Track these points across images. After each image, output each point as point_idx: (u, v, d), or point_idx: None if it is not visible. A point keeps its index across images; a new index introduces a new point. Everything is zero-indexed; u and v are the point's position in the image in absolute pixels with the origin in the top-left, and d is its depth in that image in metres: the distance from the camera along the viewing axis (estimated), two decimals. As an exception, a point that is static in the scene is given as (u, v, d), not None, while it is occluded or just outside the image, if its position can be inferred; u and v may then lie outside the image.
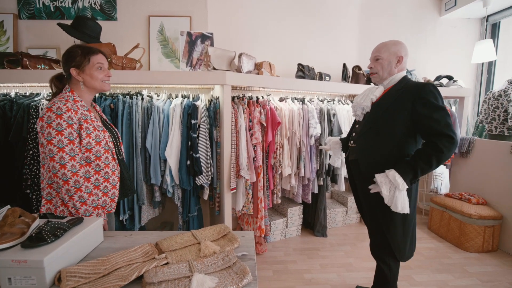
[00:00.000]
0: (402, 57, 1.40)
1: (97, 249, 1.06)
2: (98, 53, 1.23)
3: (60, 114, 1.10)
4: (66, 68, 1.19)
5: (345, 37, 3.07)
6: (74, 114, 1.13)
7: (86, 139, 1.16)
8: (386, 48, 1.42)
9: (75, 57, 1.18)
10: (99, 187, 1.21)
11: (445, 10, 3.14)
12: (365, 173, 1.45)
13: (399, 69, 1.43)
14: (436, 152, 1.26)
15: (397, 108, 1.36)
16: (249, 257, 1.00)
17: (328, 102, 2.72)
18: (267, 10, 2.82)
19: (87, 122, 1.17)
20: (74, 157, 1.12)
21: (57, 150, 1.09)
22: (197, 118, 1.97)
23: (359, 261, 2.27)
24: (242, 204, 2.16)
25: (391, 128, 1.37)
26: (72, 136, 1.12)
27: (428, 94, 1.29)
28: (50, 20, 2.34)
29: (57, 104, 1.11)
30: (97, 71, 1.21)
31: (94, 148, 1.18)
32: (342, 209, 2.95)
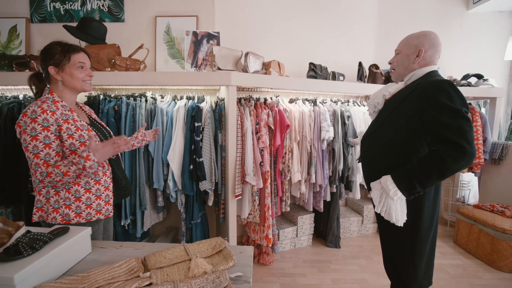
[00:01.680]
0: (421, 50, 1.20)
1: (83, 261, 0.99)
2: (79, 52, 1.15)
3: (34, 118, 1.03)
4: (44, 66, 1.11)
5: (361, 34, 2.88)
6: (51, 115, 1.05)
7: (69, 140, 1.08)
8: (406, 41, 1.26)
9: (54, 55, 1.10)
10: (91, 190, 1.14)
11: (474, 3, 2.88)
12: (367, 179, 1.31)
13: (421, 64, 1.22)
14: (437, 161, 1.04)
15: (405, 108, 1.17)
16: (244, 279, 0.88)
17: (342, 103, 2.56)
18: (277, 7, 2.70)
19: (68, 122, 1.10)
20: (48, 161, 1.04)
21: (33, 156, 1.03)
22: (200, 121, 1.88)
23: (375, 277, 2.08)
24: (248, 211, 2.04)
25: (397, 131, 1.19)
26: (49, 140, 1.04)
27: (440, 93, 1.08)
28: (60, 23, 2.35)
29: (32, 107, 1.05)
30: (77, 71, 1.13)
31: (79, 149, 1.11)
32: (358, 218, 2.75)
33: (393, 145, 1.20)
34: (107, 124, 1.81)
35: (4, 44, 2.35)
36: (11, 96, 2.04)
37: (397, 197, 1.11)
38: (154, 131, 1.55)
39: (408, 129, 1.16)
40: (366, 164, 1.33)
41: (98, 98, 2.00)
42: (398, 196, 1.11)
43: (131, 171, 1.89)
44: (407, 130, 1.16)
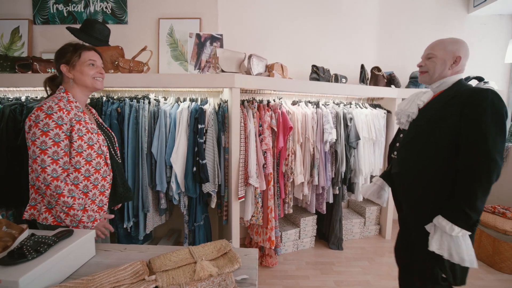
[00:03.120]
0: (460, 57, 1.18)
1: (87, 264, 0.98)
2: (90, 50, 1.17)
3: (50, 113, 1.03)
4: (57, 66, 1.14)
5: (363, 37, 2.89)
6: (66, 114, 1.06)
7: (78, 142, 1.09)
8: (442, 46, 1.22)
9: (66, 54, 1.13)
10: (88, 194, 1.14)
11: (474, 6, 2.88)
12: (408, 189, 1.26)
13: (454, 72, 1.21)
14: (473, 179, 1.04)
15: (444, 115, 1.15)
16: (249, 281, 0.87)
17: (344, 105, 2.56)
18: (280, 9, 2.71)
19: (80, 124, 1.10)
20: (57, 160, 1.03)
21: (39, 152, 1.01)
22: (204, 123, 1.88)
23: (378, 279, 2.07)
24: (251, 213, 2.03)
25: (436, 138, 1.16)
26: (59, 138, 1.04)
27: (484, 101, 1.05)
28: (63, 24, 2.36)
29: (48, 103, 1.05)
30: (88, 68, 1.14)
31: (85, 151, 1.11)
32: (360, 220, 2.74)
33: (434, 151, 1.16)
34: (110, 126, 1.80)
35: (6, 45, 2.35)
36: (13, 98, 2.04)
37: (455, 232, 1.06)
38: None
39: (448, 135, 1.13)
40: (403, 174, 1.29)
41: (101, 100, 2.00)
42: (456, 231, 1.06)
43: (134, 173, 1.89)
44: (448, 136, 1.13)
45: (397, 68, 2.89)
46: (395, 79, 2.65)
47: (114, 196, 1.26)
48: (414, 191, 1.23)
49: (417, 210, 1.24)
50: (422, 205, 1.21)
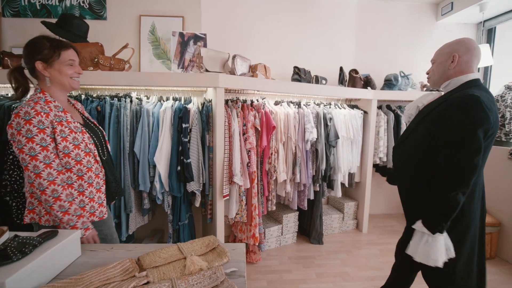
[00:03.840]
0: (455, 55, 1.17)
1: (73, 265, 0.97)
2: (69, 48, 1.13)
3: (28, 119, 1.00)
4: (29, 61, 1.08)
5: (342, 40, 3.03)
6: (45, 117, 1.03)
7: (63, 143, 1.07)
8: (441, 51, 1.25)
9: (42, 50, 1.07)
10: (84, 193, 1.14)
11: (442, 14, 3.12)
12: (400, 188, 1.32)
13: (458, 71, 1.18)
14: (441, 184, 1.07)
15: (430, 120, 1.16)
16: (238, 273, 0.91)
17: (324, 106, 2.67)
18: (263, 11, 2.76)
19: (61, 125, 1.07)
20: (50, 164, 1.03)
21: (29, 159, 1.00)
22: (188, 122, 1.89)
23: (356, 270, 2.20)
24: (235, 211, 2.07)
25: (421, 143, 1.18)
26: (45, 142, 1.03)
27: (459, 107, 1.05)
28: (36, 18, 2.24)
29: (24, 108, 1.01)
30: (67, 67, 1.11)
31: (73, 152, 1.09)
32: (339, 215, 2.88)
33: (417, 155, 1.19)
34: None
35: (-29, 38, 2.19)
36: (-19, 95, 1.92)
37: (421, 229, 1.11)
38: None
39: (429, 141, 1.14)
40: (398, 172, 1.33)
41: (79, 98, 1.94)
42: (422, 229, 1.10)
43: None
44: (429, 142, 1.14)
45: (373, 70, 3.06)
46: (371, 81, 2.80)
47: (109, 192, 1.26)
48: (402, 190, 1.29)
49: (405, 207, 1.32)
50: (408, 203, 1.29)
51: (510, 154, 2.33)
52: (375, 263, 2.30)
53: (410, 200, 1.29)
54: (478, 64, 1.21)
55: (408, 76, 2.93)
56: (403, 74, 2.90)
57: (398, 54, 3.18)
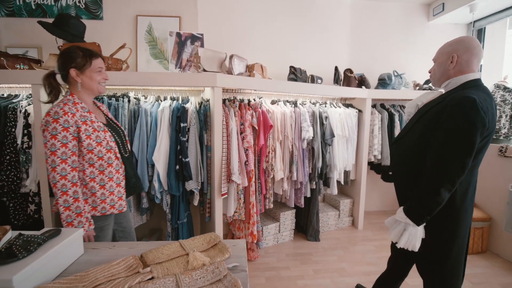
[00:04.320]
0: (454, 56, 1.18)
1: (76, 263, 0.99)
2: (98, 57, 1.28)
3: (56, 118, 1.13)
4: (65, 68, 1.22)
5: (337, 40, 3.07)
6: (71, 116, 1.16)
7: (87, 141, 1.19)
8: (441, 50, 1.26)
9: (76, 58, 1.21)
10: (105, 186, 1.25)
11: (433, 15, 3.19)
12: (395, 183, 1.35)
13: (458, 71, 1.19)
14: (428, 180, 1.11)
15: (428, 118, 1.18)
16: (240, 268, 0.94)
17: (320, 105, 2.71)
18: (259, 11, 2.78)
19: (86, 124, 1.20)
20: (65, 160, 1.14)
21: (49, 153, 1.13)
22: (186, 121, 1.90)
23: (352, 265, 2.24)
24: (234, 209, 2.10)
25: (418, 141, 1.20)
26: (66, 139, 1.14)
27: (454, 108, 1.06)
28: (31, 18, 2.23)
29: (54, 108, 1.15)
30: (96, 74, 1.26)
31: (96, 148, 1.21)
32: (335, 213, 2.92)
33: (414, 153, 1.21)
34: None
35: (-35, 38, 2.17)
36: (-24, 95, 1.91)
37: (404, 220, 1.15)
38: None
39: (425, 139, 1.16)
40: (395, 169, 1.36)
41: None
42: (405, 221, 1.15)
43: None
44: (425, 140, 1.16)
45: (367, 70, 3.11)
46: (365, 80, 2.85)
47: (129, 187, 1.36)
48: (399, 186, 1.32)
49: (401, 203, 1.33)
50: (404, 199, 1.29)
51: (500, 151, 2.40)
52: (370, 258, 2.35)
53: (406, 196, 1.30)
54: (479, 63, 1.21)
55: (401, 75, 2.99)
56: (396, 74, 2.95)
57: (392, 53, 3.24)
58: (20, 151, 1.84)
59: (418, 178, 1.20)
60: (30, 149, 1.87)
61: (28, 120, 1.86)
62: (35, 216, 1.92)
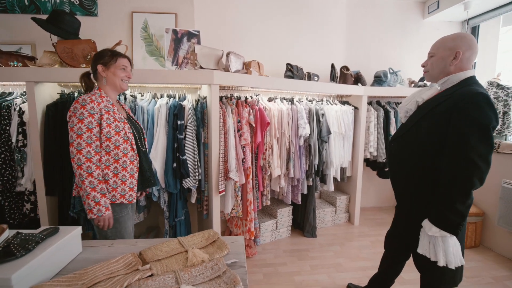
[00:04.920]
0: (459, 52, 1.15)
1: (74, 261, 0.99)
2: (124, 57, 1.39)
3: (84, 105, 1.22)
4: (94, 65, 1.33)
5: (333, 38, 3.08)
6: (97, 105, 1.25)
7: (106, 129, 1.26)
8: (443, 44, 1.21)
9: (104, 56, 1.33)
10: (118, 175, 1.29)
11: (428, 12, 3.21)
12: (395, 181, 1.32)
13: (459, 67, 1.18)
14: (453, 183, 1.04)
15: (435, 115, 1.14)
16: (239, 264, 0.95)
17: (317, 102, 2.72)
18: (256, 8, 2.77)
19: (108, 113, 1.28)
20: (90, 144, 1.22)
21: (76, 137, 1.20)
22: (183, 119, 1.90)
23: (349, 261, 2.27)
24: (231, 206, 2.10)
25: (424, 138, 1.17)
26: (92, 125, 1.22)
27: (470, 105, 1.04)
28: (24, 14, 2.19)
29: (83, 97, 1.26)
30: (120, 70, 1.35)
31: (114, 137, 1.28)
32: (331, 209, 2.95)
33: (419, 150, 1.18)
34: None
35: (-44, 35, 2.13)
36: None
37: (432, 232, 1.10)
38: None
39: (436, 138, 1.14)
40: (394, 166, 1.33)
41: (72, 95, 1.92)
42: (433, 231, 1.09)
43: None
44: (435, 138, 1.14)
45: (363, 67, 3.13)
46: (361, 77, 2.87)
47: (143, 180, 1.41)
48: (399, 182, 1.30)
49: (400, 201, 1.34)
50: (404, 198, 1.30)
51: (492, 147, 2.44)
52: (366, 254, 2.39)
53: (407, 192, 1.30)
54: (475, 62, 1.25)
55: (397, 73, 3.01)
56: (392, 71, 2.97)
57: (387, 51, 3.26)
58: (15, 149, 1.83)
59: (424, 174, 1.18)
60: (25, 148, 1.85)
61: (22, 118, 1.84)
62: (30, 215, 1.90)
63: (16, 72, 1.74)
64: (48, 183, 1.82)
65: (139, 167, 1.38)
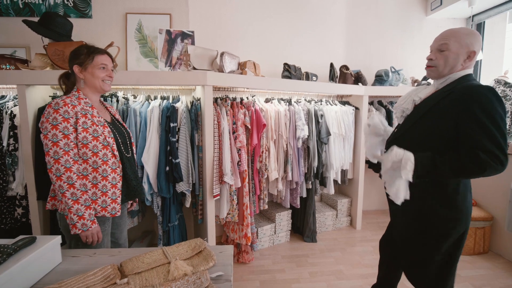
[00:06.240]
0: (474, 52, 1.08)
1: (53, 272, 0.94)
2: (103, 54, 1.23)
3: (57, 109, 1.11)
4: (70, 65, 1.22)
5: (332, 36, 3.01)
6: (72, 108, 1.13)
7: (82, 134, 1.14)
8: (457, 38, 1.09)
9: (80, 55, 1.19)
10: (97, 185, 1.17)
11: (431, 9, 3.12)
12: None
13: (465, 68, 1.11)
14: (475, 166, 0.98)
15: (438, 112, 1.09)
16: (225, 278, 0.89)
17: (315, 103, 2.65)
18: (252, 7, 2.72)
19: (85, 117, 1.15)
20: (68, 151, 1.11)
21: (51, 144, 1.09)
22: (176, 121, 1.85)
23: (350, 268, 2.19)
24: (227, 211, 2.05)
25: (428, 137, 1.11)
26: (67, 130, 1.11)
27: (481, 97, 0.99)
28: (18, 17, 2.17)
29: (56, 100, 1.14)
30: (99, 70, 1.21)
31: (91, 143, 1.15)
32: (332, 213, 2.87)
33: (420, 149, 1.10)
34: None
35: (-50, 38, 2.12)
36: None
37: (405, 177, 1.05)
38: None
39: (441, 134, 1.08)
40: None
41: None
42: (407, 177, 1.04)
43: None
44: (440, 135, 1.09)
45: (364, 66, 3.05)
46: (362, 77, 2.79)
47: (128, 190, 1.28)
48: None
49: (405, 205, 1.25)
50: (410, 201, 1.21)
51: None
52: (368, 260, 2.30)
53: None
54: None
55: (399, 72, 2.92)
56: (393, 70, 2.89)
57: (389, 49, 3.17)
58: (6, 153, 1.80)
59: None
60: (17, 152, 1.82)
61: (14, 122, 1.81)
62: (22, 219, 1.87)
63: (8, 75, 1.71)
64: (40, 188, 1.78)
65: (122, 176, 1.24)
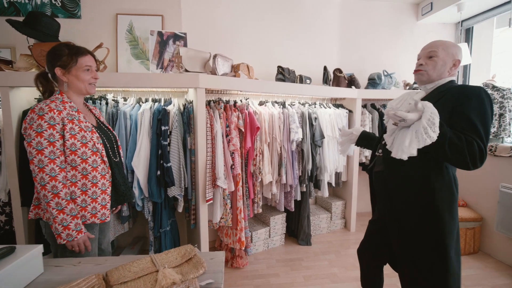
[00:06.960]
0: (459, 61, 1.19)
1: (33, 283, 0.89)
2: (86, 54, 1.17)
3: (41, 114, 1.04)
4: (51, 67, 1.14)
5: (326, 40, 3.02)
6: (58, 114, 1.07)
7: (70, 140, 1.09)
8: (444, 47, 1.20)
9: (61, 56, 1.12)
10: (87, 192, 1.13)
11: (422, 14, 3.17)
12: (393, 189, 1.24)
13: (450, 75, 1.22)
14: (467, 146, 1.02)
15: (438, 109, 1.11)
16: (215, 285, 0.86)
17: (309, 105, 2.64)
18: (245, 9, 2.71)
19: (72, 123, 1.10)
20: (54, 160, 1.05)
21: (36, 153, 1.03)
22: (168, 124, 1.81)
23: (344, 270, 2.17)
24: (220, 215, 2.01)
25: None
26: (53, 138, 1.06)
27: (473, 96, 1.08)
28: (3, 16, 2.10)
29: (40, 105, 1.07)
30: (84, 73, 1.15)
31: (80, 150, 1.11)
32: (327, 215, 2.86)
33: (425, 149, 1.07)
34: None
35: None
36: None
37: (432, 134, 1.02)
38: None
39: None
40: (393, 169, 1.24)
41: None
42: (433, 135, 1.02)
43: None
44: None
45: (357, 70, 3.07)
46: (355, 80, 2.80)
47: (117, 195, 1.25)
48: (400, 190, 1.21)
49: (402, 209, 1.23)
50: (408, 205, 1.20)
51: (490, 150, 2.37)
52: (362, 262, 2.29)
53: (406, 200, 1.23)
54: None
55: (391, 75, 2.95)
56: (386, 73, 2.92)
57: (381, 53, 3.21)
58: (-11, 158, 1.72)
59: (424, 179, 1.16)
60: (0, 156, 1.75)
61: (-3, 125, 1.74)
62: (6, 227, 1.79)
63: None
64: (24, 193, 1.71)
65: (111, 181, 1.21)
